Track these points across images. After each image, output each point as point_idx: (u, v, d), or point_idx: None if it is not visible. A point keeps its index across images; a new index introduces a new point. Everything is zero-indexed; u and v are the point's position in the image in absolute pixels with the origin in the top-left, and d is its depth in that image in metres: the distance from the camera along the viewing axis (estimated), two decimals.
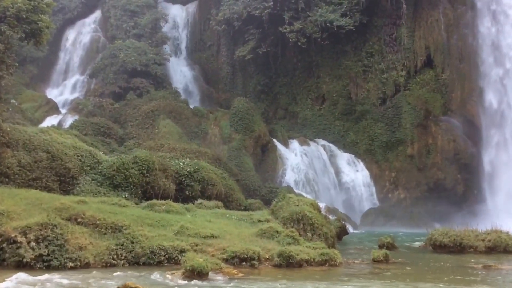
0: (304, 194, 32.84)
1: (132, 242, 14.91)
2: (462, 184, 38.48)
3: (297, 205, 20.31)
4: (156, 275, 12.90)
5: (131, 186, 22.47)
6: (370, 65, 42.12)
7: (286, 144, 40.75)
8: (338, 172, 40.27)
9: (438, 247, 21.31)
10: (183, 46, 51.55)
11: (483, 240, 21.34)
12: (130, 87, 42.11)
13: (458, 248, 20.93)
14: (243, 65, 47.10)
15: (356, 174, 40.45)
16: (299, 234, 18.30)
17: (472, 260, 18.19)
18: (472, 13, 39.36)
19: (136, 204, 20.46)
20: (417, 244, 24.03)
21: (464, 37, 39.59)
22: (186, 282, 12.37)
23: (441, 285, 12.91)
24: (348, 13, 40.91)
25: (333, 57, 43.32)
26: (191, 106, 42.56)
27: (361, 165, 40.79)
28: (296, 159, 39.47)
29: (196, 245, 15.31)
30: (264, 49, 44.13)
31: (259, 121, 40.21)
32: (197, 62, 50.10)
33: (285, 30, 42.42)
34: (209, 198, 24.80)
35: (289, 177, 38.09)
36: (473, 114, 38.85)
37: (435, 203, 36.88)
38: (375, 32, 42.21)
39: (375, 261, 17.57)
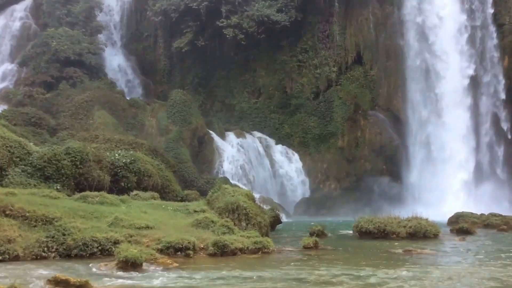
0: (240, 185, 33.58)
1: (64, 234, 14.68)
2: (387, 174, 40.81)
3: (233, 196, 20.90)
4: (88, 267, 12.92)
5: (63, 178, 22.11)
6: (304, 61, 43.52)
7: (223, 136, 41.34)
8: (273, 164, 41.43)
9: (364, 234, 22.56)
10: (119, 36, 50.60)
11: (404, 227, 22.78)
12: (63, 76, 40.92)
13: (382, 234, 22.21)
14: (180, 57, 47.04)
15: (290, 165, 41.82)
16: (234, 224, 18.94)
17: (395, 244, 19.55)
18: (399, 13, 41.59)
19: (69, 196, 20.22)
20: (345, 231, 25.33)
21: (391, 36, 41.81)
22: (119, 273, 12.45)
23: (366, 268, 13.97)
24: (283, 9, 41.98)
25: (269, 52, 44.32)
26: (128, 98, 42.06)
27: (295, 156, 42.19)
28: (233, 151, 40.18)
29: (131, 236, 15.47)
30: (202, 42, 44.33)
31: (197, 113, 40.50)
32: (133, 53, 49.39)
33: (222, 24, 42.82)
34: (145, 189, 24.89)
35: (226, 169, 38.75)
36: (398, 109, 41.24)
37: (362, 193, 38.89)
38: (309, 28, 43.62)
39: (306, 247, 18.46)
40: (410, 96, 40.71)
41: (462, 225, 24.76)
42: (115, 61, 48.01)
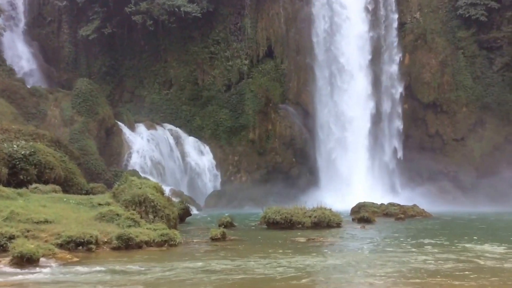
0: (151, 178, 32.88)
1: None
2: (296, 167, 42.04)
3: (140, 188, 20.37)
4: None
5: None
6: (216, 52, 43.41)
7: (132, 128, 40.18)
8: (184, 156, 41.01)
9: (272, 224, 23.06)
10: (20, 20, 47.18)
11: (309, 217, 23.59)
12: None
13: (288, 224, 22.85)
14: (87, 44, 44.96)
15: (201, 158, 41.64)
16: (141, 217, 18.49)
17: (299, 234, 20.20)
18: (308, 8, 42.79)
19: None
20: (254, 222, 25.73)
21: (301, 31, 42.93)
22: (13, 269, 11.83)
23: (271, 257, 14.28)
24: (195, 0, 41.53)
25: (180, 42, 43.65)
26: (28, 86, 39.47)
27: (206, 149, 42.08)
28: (142, 143, 39.22)
29: (28, 231, 14.64)
30: (110, 29, 42.69)
31: (104, 103, 38.95)
32: (35, 38, 46.34)
33: (130, 10, 41.48)
34: (46, 182, 23.54)
35: (135, 161, 37.76)
36: (307, 103, 42.54)
37: (273, 185, 39.74)
38: (221, 20, 43.54)
39: (213, 239, 18.50)
40: (318, 90, 42.14)
41: (363, 214, 26.07)
42: (15, 47, 44.78)
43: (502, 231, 21.95)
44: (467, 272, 11.85)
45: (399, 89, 42.49)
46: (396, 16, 42.99)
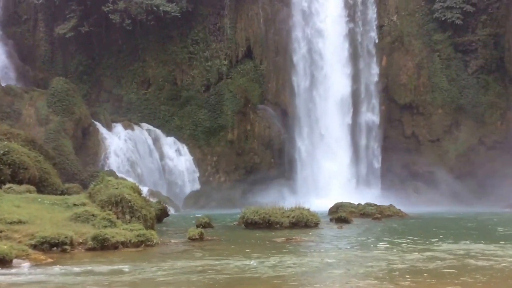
0: (128, 178, 32.53)
1: None
2: (275, 167, 42.15)
3: (117, 188, 20.12)
4: None
5: None
6: (195, 52, 43.24)
7: (109, 128, 39.72)
8: (162, 157, 40.73)
9: (250, 225, 23.07)
10: None
11: (288, 217, 23.66)
12: None
13: (267, 224, 22.88)
14: (63, 43, 44.32)
15: (180, 158, 41.41)
16: (117, 217, 18.26)
17: (277, 234, 20.24)
18: (287, 9, 42.96)
19: None
20: (232, 223, 25.70)
21: (279, 32, 43.08)
22: None
23: (248, 257, 14.26)
24: None
25: (159, 42, 43.36)
26: (3, 84, 38.69)
27: (185, 149, 41.88)
28: (120, 143, 38.80)
29: (1, 232, 14.34)
30: (87, 28, 42.18)
31: (80, 103, 38.43)
32: (11, 37, 45.46)
33: (108, 8, 41.05)
34: (20, 182, 23.17)
35: (112, 161, 37.34)
36: (286, 104, 42.70)
37: (251, 185, 39.75)
38: (200, 20, 43.38)
39: (191, 239, 18.41)
40: (296, 91, 42.33)
41: (340, 214, 26.23)
42: None
43: (476, 230, 22.37)
44: (445, 270, 12.03)
45: (377, 91, 42.96)
46: (374, 18, 43.47)
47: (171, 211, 32.47)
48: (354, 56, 42.75)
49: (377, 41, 43.35)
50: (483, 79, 42.43)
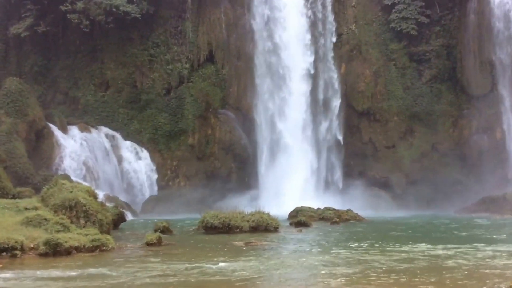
0: (84, 183, 31.62)
1: None
2: (235, 172, 42.00)
3: (71, 192, 19.62)
4: None
5: None
6: (156, 55, 42.67)
7: (64, 130, 38.57)
8: (120, 161, 39.88)
9: (210, 229, 22.92)
10: None
11: (248, 221, 23.68)
12: None
13: (227, 228, 22.80)
14: (18, 42, 42.87)
15: (138, 162, 40.67)
16: (72, 221, 17.79)
17: (237, 238, 20.20)
18: (249, 15, 43.09)
19: None
20: (192, 227, 25.42)
21: (241, 37, 43.07)
22: None
23: (207, 260, 14.12)
24: (135, 0, 40.65)
25: (119, 44, 42.54)
26: None
27: (144, 153, 41.14)
28: (75, 146, 37.74)
29: None
30: (44, 27, 40.98)
31: (34, 104, 37.15)
32: None
33: (66, 8, 40.05)
34: None
35: (67, 165, 36.26)
36: (247, 109, 42.70)
37: (212, 190, 39.43)
38: (161, 23, 42.87)
39: (149, 244, 18.11)
40: (258, 96, 42.38)
41: (300, 219, 26.52)
42: None
43: (431, 232, 23.00)
44: (400, 269, 12.27)
45: (337, 97, 43.56)
46: (334, 27, 44.12)
47: (129, 216, 31.86)
48: (315, 63, 43.25)
49: (336, 49, 43.95)
50: (436, 88, 43.74)
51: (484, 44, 42.26)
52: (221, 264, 13.41)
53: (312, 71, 42.93)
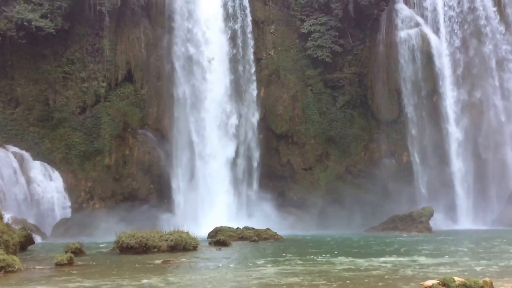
0: None
1: None
2: (154, 194, 41.16)
3: None
4: None
5: None
6: (71, 72, 41.14)
7: None
8: (30, 182, 37.61)
9: (125, 249, 22.28)
10: None
11: (166, 240, 23.36)
12: None
13: (143, 248, 22.33)
14: None
15: (49, 183, 38.57)
16: None
17: (154, 257, 19.77)
18: (169, 36, 43.04)
19: None
20: (106, 249, 24.51)
21: (161, 58, 42.83)
22: None
23: (120, 279, 13.68)
24: (49, 15, 39.12)
25: (30, 59, 40.56)
26: None
27: (55, 174, 39.11)
28: None
29: None
30: None
31: None
32: None
33: None
34: None
35: None
36: (167, 130, 42.25)
37: (129, 212, 38.20)
38: (77, 39, 41.52)
39: (59, 265, 17.34)
40: (177, 118, 42.10)
41: (219, 238, 26.55)
42: None
43: (347, 248, 23.94)
44: (320, 283, 12.65)
45: (256, 120, 44.40)
46: (252, 52, 45.21)
47: (38, 239, 30.14)
48: (236, 87, 43.93)
49: (256, 73, 45.00)
50: (349, 113, 46.04)
51: (391, 73, 45.41)
52: (134, 282, 13.08)
53: (233, 94, 43.61)
